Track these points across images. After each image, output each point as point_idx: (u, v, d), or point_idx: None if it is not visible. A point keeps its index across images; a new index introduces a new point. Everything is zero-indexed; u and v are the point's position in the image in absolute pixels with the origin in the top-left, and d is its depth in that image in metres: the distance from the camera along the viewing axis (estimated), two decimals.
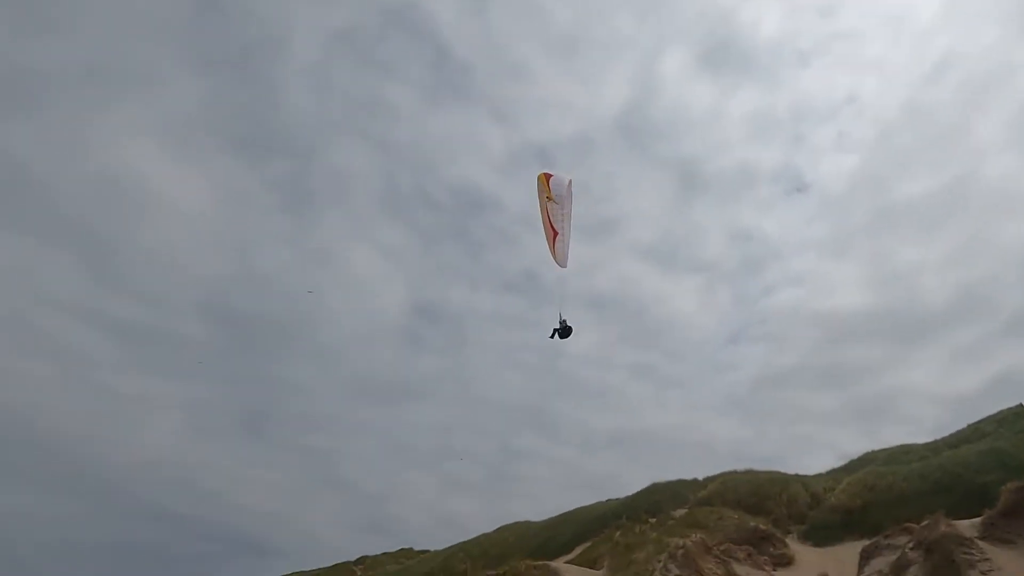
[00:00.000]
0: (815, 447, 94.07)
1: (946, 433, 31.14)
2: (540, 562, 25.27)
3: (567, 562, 27.20)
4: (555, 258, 14.89)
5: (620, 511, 32.21)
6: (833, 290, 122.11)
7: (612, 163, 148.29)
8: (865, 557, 18.08)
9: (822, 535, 24.09)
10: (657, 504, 31.33)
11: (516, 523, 40.85)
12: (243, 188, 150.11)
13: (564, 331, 15.02)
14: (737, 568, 21.18)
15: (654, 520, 28.90)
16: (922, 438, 32.32)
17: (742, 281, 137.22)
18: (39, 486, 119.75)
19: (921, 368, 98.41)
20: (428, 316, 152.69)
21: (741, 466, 33.28)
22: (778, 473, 31.44)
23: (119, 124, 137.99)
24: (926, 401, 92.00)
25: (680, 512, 29.01)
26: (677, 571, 19.82)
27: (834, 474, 30.34)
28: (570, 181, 14.76)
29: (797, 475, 31.04)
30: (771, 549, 22.71)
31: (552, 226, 14.78)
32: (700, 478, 33.80)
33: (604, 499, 37.02)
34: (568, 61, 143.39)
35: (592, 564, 25.85)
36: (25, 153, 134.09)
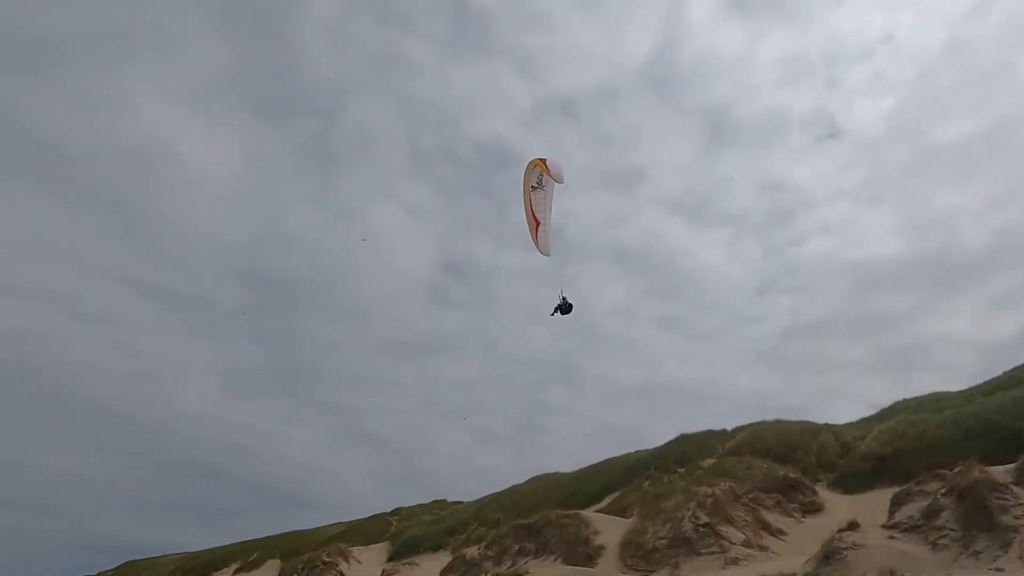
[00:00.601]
0: (845, 397, 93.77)
1: (981, 381, 30.68)
2: (571, 511, 25.85)
3: (597, 511, 27.76)
4: (538, 247, 14.96)
5: (649, 462, 32.62)
6: (866, 238, 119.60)
7: (638, 113, 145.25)
8: (896, 503, 18.07)
9: (852, 482, 24.11)
10: (685, 454, 31.63)
11: (546, 474, 41.70)
12: (268, 150, 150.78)
13: (565, 308, 15.31)
14: (766, 515, 21.40)
15: (682, 470, 29.24)
16: (956, 386, 31.87)
17: (771, 232, 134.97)
18: (89, 446, 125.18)
19: (957, 316, 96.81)
20: (454, 273, 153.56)
21: (770, 417, 33.33)
22: (807, 423, 31.39)
23: (144, 91, 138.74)
24: (961, 348, 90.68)
25: (708, 462, 29.27)
26: (706, 519, 20.11)
27: (864, 423, 30.17)
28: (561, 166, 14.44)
29: (827, 424, 30.97)
30: (800, 497, 22.86)
31: (535, 216, 14.80)
32: (728, 429, 33.94)
33: (632, 451, 37.53)
34: (591, 8, 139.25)
35: (622, 513, 26.35)
36: (58, 125, 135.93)
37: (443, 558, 31.29)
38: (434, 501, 53.13)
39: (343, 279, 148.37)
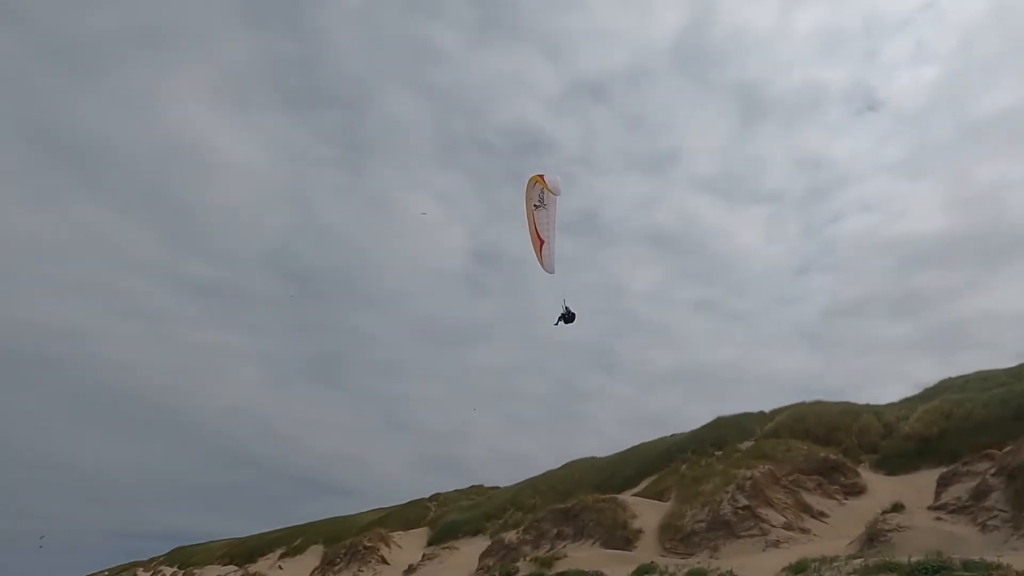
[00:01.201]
0: (887, 377, 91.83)
1: None
2: (608, 495, 25.86)
3: (634, 495, 27.74)
4: (543, 266, 15.30)
5: (685, 445, 32.41)
6: (908, 214, 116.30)
7: (669, 93, 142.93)
8: (942, 484, 17.64)
9: (896, 464, 23.61)
10: (722, 437, 31.34)
11: (582, 459, 41.77)
12: (298, 142, 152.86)
13: (568, 317, 15.82)
14: (807, 497, 21.11)
15: (720, 453, 29.00)
16: (1004, 364, 30.89)
17: (809, 210, 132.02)
18: (139, 437, 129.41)
19: (1004, 292, 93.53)
20: (487, 261, 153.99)
21: (809, 398, 32.85)
22: (848, 404, 30.82)
23: (177, 87, 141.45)
24: (1009, 325, 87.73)
25: (747, 444, 28.95)
26: (745, 501, 19.92)
27: (908, 403, 29.47)
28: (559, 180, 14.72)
29: (868, 405, 30.35)
30: (842, 478, 22.47)
31: (539, 235, 15.13)
32: (766, 411, 33.53)
33: (668, 434, 37.34)
34: None
35: (659, 497, 26.27)
36: (94, 124, 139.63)
37: (482, 542, 31.64)
38: (471, 487, 53.68)
39: (376, 269, 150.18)
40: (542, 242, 15.15)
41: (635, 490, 29.97)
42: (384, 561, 35.86)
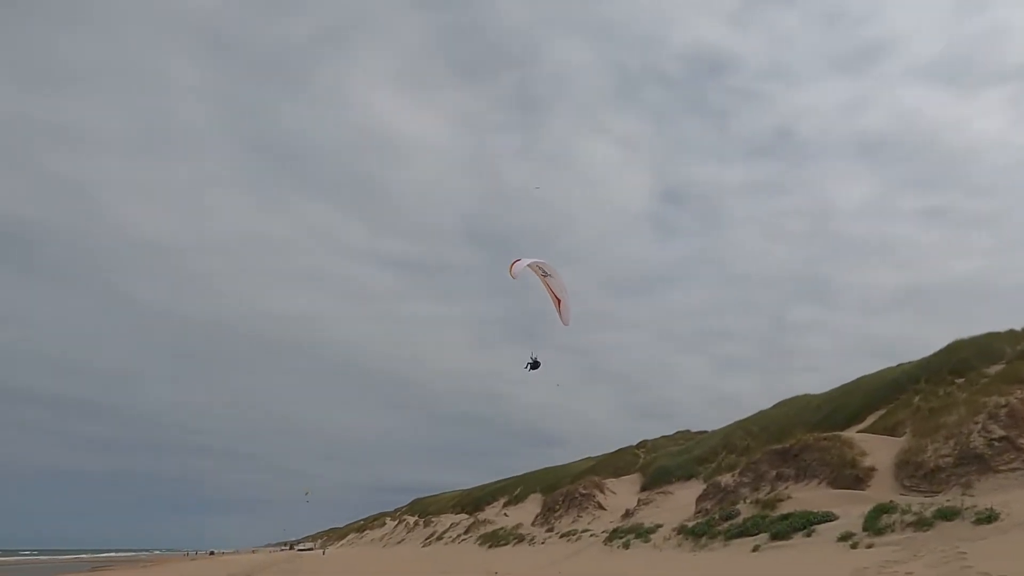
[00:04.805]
0: None
1: None
2: (830, 433, 24.30)
3: (859, 431, 25.71)
4: (561, 321, 17.98)
5: (916, 374, 29.13)
6: None
7: None
8: None
9: None
10: (963, 362, 27.61)
11: (795, 397, 39.53)
12: (476, 111, 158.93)
13: (535, 365, 17.71)
14: None
15: (961, 380, 25.70)
16: None
17: None
18: (378, 405, 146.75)
19: None
20: (675, 199, 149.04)
21: None
22: None
23: (362, 79, 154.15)
24: None
25: (995, 369, 25.31)
26: (1001, 432, 17.52)
27: None
28: (525, 265, 16.74)
29: None
30: None
31: (555, 296, 17.82)
32: (1018, 329, 28.89)
33: (894, 364, 33.80)
34: None
35: (890, 432, 24.09)
36: (299, 126, 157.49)
37: (695, 486, 31.45)
38: (677, 432, 53.45)
39: (563, 223, 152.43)
40: (559, 301, 17.83)
41: (860, 426, 27.71)
42: (601, 507, 37.22)
